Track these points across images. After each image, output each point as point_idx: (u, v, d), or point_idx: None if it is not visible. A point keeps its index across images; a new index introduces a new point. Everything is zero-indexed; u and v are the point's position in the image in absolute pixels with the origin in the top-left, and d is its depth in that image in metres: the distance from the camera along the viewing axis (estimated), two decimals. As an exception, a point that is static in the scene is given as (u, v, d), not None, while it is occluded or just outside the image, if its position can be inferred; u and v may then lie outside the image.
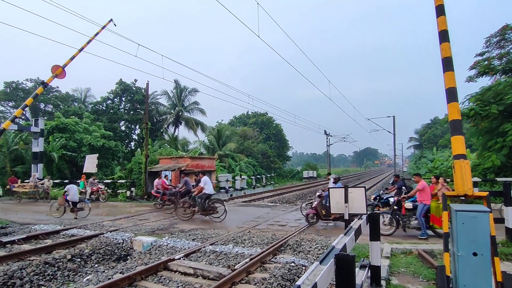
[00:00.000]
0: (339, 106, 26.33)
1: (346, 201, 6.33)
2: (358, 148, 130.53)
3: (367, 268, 4.65)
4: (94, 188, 18.87)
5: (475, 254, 3.92)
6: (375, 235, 4.62)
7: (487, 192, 4.34)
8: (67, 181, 23.53)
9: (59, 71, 10.31)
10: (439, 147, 42.85)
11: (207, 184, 11.78)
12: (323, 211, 10.04)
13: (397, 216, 8.68)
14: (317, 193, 10.96)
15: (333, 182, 11.38)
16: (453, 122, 4.97)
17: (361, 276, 4.26)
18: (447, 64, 5.13)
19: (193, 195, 12.13)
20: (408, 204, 8.63)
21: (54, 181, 21.69)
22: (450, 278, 4.36)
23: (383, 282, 4.87)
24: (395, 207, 8.80)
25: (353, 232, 3.57)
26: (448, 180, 16.54)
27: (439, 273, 4.42)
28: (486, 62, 16.54)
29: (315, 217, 10.31)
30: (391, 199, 9.09)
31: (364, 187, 6.63)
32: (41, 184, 19.05)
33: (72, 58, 10.67)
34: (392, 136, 36.84)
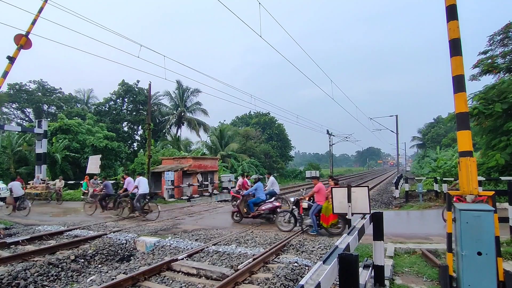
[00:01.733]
0: (341, 105, 26.25)
1: (349, 200, 6.30)
2: (361, 148, 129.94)
3: (370, 268, 4.64)
4: (97, 189, 18.79)
5: (479, 253, 3.90)
6: (378, 234, 4.60)
7: (493, 192, 4.28)
8: (71, 182, 23.67)
9: (23, 41, 8.94)
10: (442, 146, 42.69)
11: (141, 183, 12.39)
12: (244, 209, 11.01)
13: (295, 215, 9.56)
14: (241, 193, 12.02)
15: (254, 182, 12.00)
16: (460, 115, 4.56)
17: (364, 276, 4.24)
18: (455, 47, 4.59)
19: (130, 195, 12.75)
20: (304, 204, 9.45)
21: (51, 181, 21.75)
22: (453, 277, 4.33)
23: (386, 282, 4.84)
24: (293, 206, 9.68)
25: (357, 231, 3.56)
26: (452, 179, 16.46)
27: (442, 272, 4.39)
28: (489, 61, 16.46)
29: (238, 215, 11.26)
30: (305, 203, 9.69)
31: (368, 186, 6.61)
32: (53, 185, 19.03)
33: (33, 23, 9.13)
34: (395, 136, 36.75)
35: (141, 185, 12.40)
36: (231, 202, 15.42)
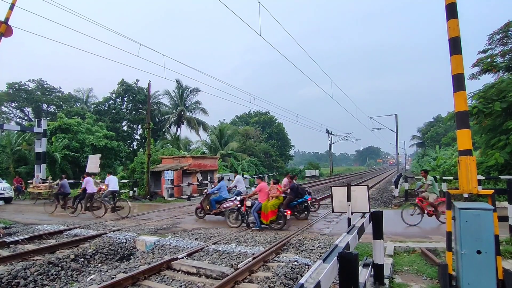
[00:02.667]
0: (341, 104, 26.25)
1: (348, 199, 6.32)
2: (360, 147, 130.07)
3: (370, 267, 4.64)
4: (101, 187, 18.65)
5: (479, 252, 3.91)
6: (378, 233, 4.60)
7: (493, 190, 4.29)
8: (71, 181, 23.64)
9: (3, 28, 8.46)
10: (442, 145, 42.73)
11: (110, 182, 13.15)
12: (207, 206, 11.69)
13: (240, 212, 10.36)
14: (204, 191, 12.85)
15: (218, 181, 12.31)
16: (460, 114, 4.56)
17: (364, 274, 4.25)
18: (455, 45, 4.58)
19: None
20: (248, 202, 10.25)
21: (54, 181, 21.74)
22: (453, 276, 4.34)
23: (386, 281, 4.85)
24: (239, 204, 10.39)
25: (356, 230, 3.56)
26: (451, 178, 16.47)
27: (442, 271, 4.40)
28: (489, 60, 16.48)
29: (202, 211, 11.93)
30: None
31: (367, 185, 6.62)
32: (56, 184, 18.93)
33: (11, 7, 8.65)
34: (394, 135, 36.79)
35: (111, 183, 13.14)
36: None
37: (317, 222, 10.80)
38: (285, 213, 9.77)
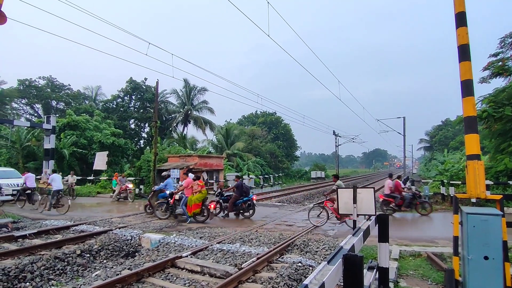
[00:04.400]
0: (348, 106, 26.08)
1: (354, 201, 6.27)
2: (367, 149, 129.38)
3: (375, 270, 4.61)
4: (122, 186, 17.96)
5: (486, 258, 3.85)
6: (384, 236, 4.56)
7: (501, 195, 4.23)
8: (78, 177, 23.88)
9: None
10: (450, 149, 42.23)
11: (54, 181, 13.24)
12: (155, 202, 12.31)
13: (169, 206, 11.51)
14: (153, 188, 13.84)
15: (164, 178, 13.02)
16: (468, 119, 4.57)
17: (368, 277, 4.22)
18: (464, 52, 4.63)
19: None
20: (177, 196, 11.40)
21: (64, 177, 21.91)
22: (459, 282, 4.29)
23: (391, 285, 4.82)
24: (168, 198, 11.54)
25: (362, 233, 3.53)
26: (459, 182, 16.28)
27: (448, 276, 4.35)
28: (500, 63, 16.21)
29: (150, 207, 12.53)
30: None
31: (373, 188, 6.58)
32: (66, 181, 18.87)
33: None
34: (402, 138, 36.43)
35: (55, 182, 13.25)
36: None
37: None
38: (209, 207, 11.03)
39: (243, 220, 11.73)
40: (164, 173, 14.14)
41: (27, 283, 5.93)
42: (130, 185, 18.58)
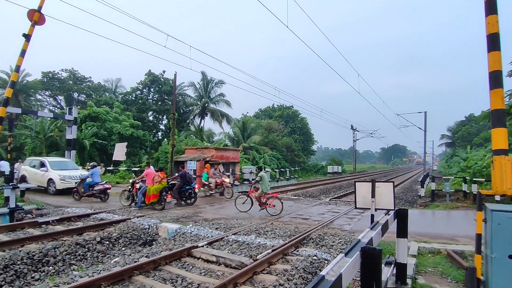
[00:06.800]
0: (368, 100, 25.59)
1: (373, 195, 6.16)
2: (386, 145, 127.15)
3: (392, 265, 4.52)
4: (218, 180, 16.06)
5: (511, 256, 3.71)
6: (402, 231, 4.47)
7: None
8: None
9: (36, 17, 8.72)
10: (473, 145, 40.83)
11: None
12: (82, 189, 13.54)
13: (132, 193, 12.52)
14: (81, 176, 14.81)
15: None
16: (496, 112, 4.34)
17: (386, 272, 4.14)
18: (493, 41, 4.38)
19: None
20: (137, 185, 12.30)
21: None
22: (481, 280, 4.15)
23: (409, 281, 4.71)
24: (130, 186, 12.66)
25: (380, 227, 3.46)
26: (483, 180, 15.71)
27: (469, 275, 4.22)
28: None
29: (77, 194, 13.62)
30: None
31: (393, 182, 6.43)
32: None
33: None
34: (422, 133, 35.51)
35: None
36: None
37: (336, 220, 10.63)
38: (165, 197, 11.97)
39: (260, 213, 11.69)
40: (91, 163, 16.16)
41: (50, 267, 6.16)
42: (227, 180, 16.81)
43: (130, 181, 13.13)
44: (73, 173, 15.89)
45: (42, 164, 16.23)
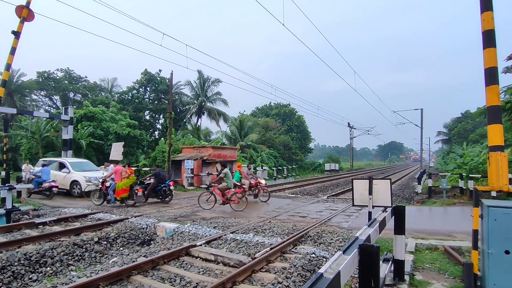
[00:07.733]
0: (364, 98, 25.64)
1: (370, 193, 6.18)
2: (382, 142, 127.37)
3: (390, 262, 4.55)
4: (252, 181, 13.98)
5: (507, 252, 3.74)
6: (400, 228, 4.49)
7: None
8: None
9: (25, 13, 8.55)
10: (469, 142, 41.05)
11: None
12: (32, 187, 13.77)
13: (102, 192, 12.64)
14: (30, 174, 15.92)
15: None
16: (492, 109, 4.38)
17: (384, 269, 4.17)
18: (489, 38, 4.42)
19: None
20: (107, 183, 12.48)
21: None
22: (478, 276, 4.18)
23: (406, 277, 4.74)
24: (100, 185, 12.80)
25: (378, 224, 3.47)
26: (479, 176, 15.82)
27: (466, 270, 4.25)
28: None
29: (29, 193, 14.32)
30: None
31: (390, 179, 6.46)
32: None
33: None
34: (419, 130, 35.69)
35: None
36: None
37: (336, 218, 10.67)
38: (136, 192, 12.23)
39: (255, 208, 11.75)
40: (41, 162, 16.79)
41: (48, 268, 6.13)
42: (263, 181, 15.10)
43: (100, 180, 13.21)
44: (96, 174, 15.23)
45: (62, 166, 15.75)
